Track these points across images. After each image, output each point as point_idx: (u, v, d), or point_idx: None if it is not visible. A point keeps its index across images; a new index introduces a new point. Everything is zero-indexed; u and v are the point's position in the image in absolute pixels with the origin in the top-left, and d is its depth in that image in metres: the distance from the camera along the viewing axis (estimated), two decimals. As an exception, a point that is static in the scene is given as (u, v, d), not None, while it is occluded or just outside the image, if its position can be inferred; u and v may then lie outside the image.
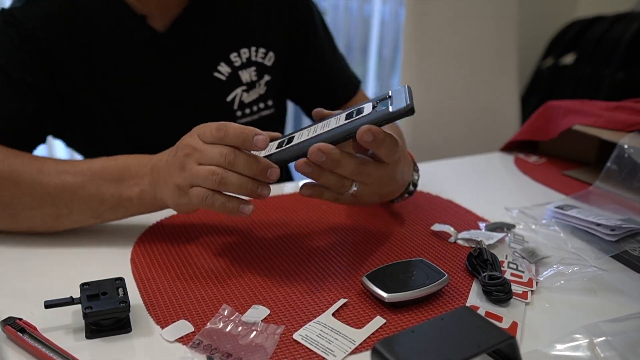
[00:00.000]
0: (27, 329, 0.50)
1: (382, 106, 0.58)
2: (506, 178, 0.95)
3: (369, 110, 0.58)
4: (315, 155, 0.55)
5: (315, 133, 0.59)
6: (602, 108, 0.98)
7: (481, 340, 0.44)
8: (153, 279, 0.60)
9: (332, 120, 0.61)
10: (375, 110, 0.58)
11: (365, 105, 0.60)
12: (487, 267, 0.61)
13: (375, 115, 0.57)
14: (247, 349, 0.49)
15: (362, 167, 0.58)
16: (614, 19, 2.00)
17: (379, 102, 0.59)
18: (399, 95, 0.58)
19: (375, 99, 0.61)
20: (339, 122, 0.59)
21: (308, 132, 0.61)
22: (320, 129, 0.60)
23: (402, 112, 0.55)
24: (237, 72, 0.88)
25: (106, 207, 0.65)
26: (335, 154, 0.55)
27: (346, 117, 0.59)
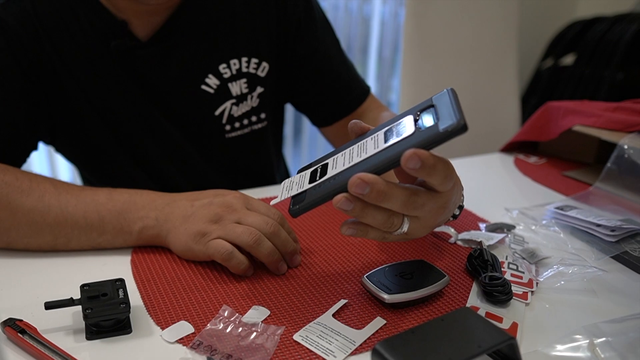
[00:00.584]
0: (28, 330, 0.50)
1: (426, 120, 0.48)
2: (506, 178, 0.95)
3: (410, 126, 0.49)
4: (357, 187, 0.46)
5: (352, 162, 0.50)
6: (602, 108, 0.98)
7: (481, 341, 0.44)
8: (153, 280, 0.60)
9: (368, 141, 0.51)
10: (419, 129, 0.48)
11: (405, 119, 0.50)
12: (487, 267, 0.61)
13: (421, 137, 0.47)
14: (248, 349, 0.49)
15: (414, 198, 0.48)
16: (614, 20, 2.00)
17: (420, 112, 0.50)
18: (444, 105, 0.48)
19: (415, 109, 0.51)
20: (377, 144, 0.50)
21: (343, 158, 0.52)
22: (357, 155, 0.51)
23: (454, 131, 0.45)
24: (227, 84, 0.85)
25: (105, 238, 0.65)
26: (379, 185, 0.46)
27: (385, 137, 0.50)
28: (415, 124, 0.48)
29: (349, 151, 0.52)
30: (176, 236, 0.63)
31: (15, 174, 0.66)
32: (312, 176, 0.53)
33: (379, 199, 0.46)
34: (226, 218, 0.62)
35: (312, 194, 0.50)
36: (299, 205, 0.51)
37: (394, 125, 0.51)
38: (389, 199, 0.47)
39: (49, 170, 1.99)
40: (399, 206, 0.48)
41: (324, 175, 0.51)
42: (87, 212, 0.64)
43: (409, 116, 0.50)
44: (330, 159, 0.53)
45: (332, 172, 0.51)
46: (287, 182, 0.55)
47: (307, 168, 0.55)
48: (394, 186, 0.47)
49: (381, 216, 0.48)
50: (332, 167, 0.51)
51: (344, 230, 0.50)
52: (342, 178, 0.49)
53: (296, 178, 0.54)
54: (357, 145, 0.52)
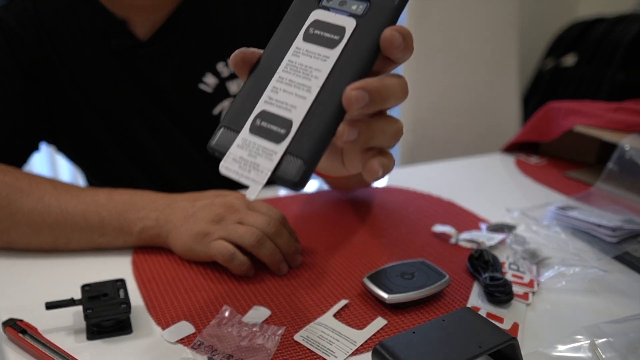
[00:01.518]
0: (28, 330, 0.50)
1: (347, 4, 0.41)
2: (507, 179, 0.95)
3: (339, 19, 0.40)
4: (358, 100, 0.37)
5: (311, 87, 0.39)
6: (603, 109, 0.98)
7: (482, 341, 0.44)
8: (154, 280, 0.60)
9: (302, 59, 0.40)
10: (357, 16, 0.40)
11: (313, 15, 0.41)
12: (488, 268, 0.61)
13: (380, 20, 0.39)
14: (248, 350, 0.49)
15: (402, 79, 0.41)
16: (615, 20, 2.00)
17: None
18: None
19: None
20: (321, 54, 0.40)
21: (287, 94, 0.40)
22: (305, 79, 0.40)
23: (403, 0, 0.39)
24: (225, 83, 0.84)
25: (106, 239, 0.64)
26: (373, 82, 0.38)
27: (305, 38, 0.41)
28: (337, 13, 0.41)
29: (284, 84, 0.40)
30: (177, 237, 0.63)
31: (15, 174, 0.66)
32: (268, 135, 0.39)
33: (384, 94, 0.38)
34: (228, 218, 0.62)
35: (300, 149, 0.38)
36: (300, 171, 0.38)
37: (308, 26, 0.41)
38: (392, 88, 0.39)
39: (50, 171, 1.99)
40: (399, 92, 0.40)
41: (289, 125, 0.39)
42: (87, 212, 0.64)
43: (314, 11, 0.41)
44: (263, 104, 0.40)
45: (293, 115, 0.39)
46: (232, 162, 0.39)
47: (231, 129, 0.40)
48: (384, 77, 0.40)
49: (389, 123, 0.41)
50: (285, 110, 0.39)
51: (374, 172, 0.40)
52: (322, 111, 0.38)
53: (240, 151, 0.39)
54: (286, 71, 0.40)
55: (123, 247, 0.65)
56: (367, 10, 0.40)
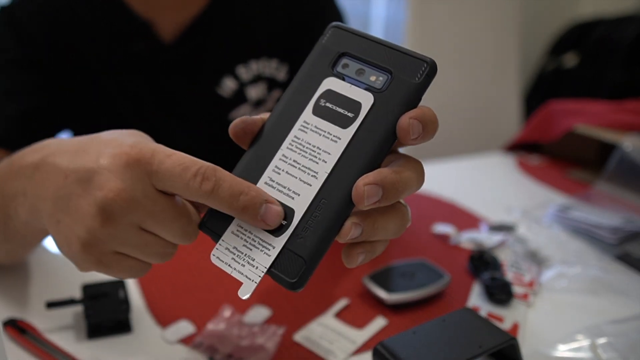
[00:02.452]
0: (29, 330, 0.50)
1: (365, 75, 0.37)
2: (508, 179, 0.95)
3: (357, 93, 0.37)
4: (370, 196, 0.34)
5: (318, 176, 0.36)
6: (603, 109, 0.98)
7: (482, 341, 0.44)
8: (154, 279, 0.60)
9: (309, 138, 0.37)
10: (376, 91, 0.36)
11: (325, 83, 0.37)
12: (489, 268, 0.61)
13: (399, 100, 0.36)
14: (248, 350, 0.49)
15: (419, 165, 0.38)
16: (616, 20, 2.00)
17: (334, 68, 0.38)
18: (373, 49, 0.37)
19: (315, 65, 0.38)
20: (332, 133, 0.36)
21: (291, 180, 0.36)
22: (313, 163, 0.36)
23: (431, 74, 0.36)
24: (244, 88, 0.80)
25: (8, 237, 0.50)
26: (389, 177, 0.35)
27: (315, 111, 0.37)
28: (353, 85, 0.37)
29: (288, 165, 0.37)
30: (58, 237, 0.40)
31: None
32: None
33: (399, 189, 0.35)
34: (119, 221, 0.37)
35: (300, 247, 0.35)
36: (299, 271, 0.35)
37: (319, 97, 0.37)
38: (407, 182, 0.36)
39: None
40: (415, 184, 0.37)
41: (290, 215, 0.35)
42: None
43: (327, 79, 0.38)
44: (262, 186, 0.37)
45: (295, 204, 0.36)
46: (225, 253, 0.37)
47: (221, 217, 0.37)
48: (400, 167, 0.36)
49: (394, 221, 0.38)
50: (286, 196, 0.36)
51: (354, 262, 0.37)
52: (328, 203, 0.35)
53: (235, 239, 0.36)
54: (290, 149, 0.37)
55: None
56: (387, 85, 0.36)
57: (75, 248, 0.38)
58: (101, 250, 0.38)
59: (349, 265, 0.37)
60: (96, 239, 0.37)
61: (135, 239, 0.38)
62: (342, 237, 0.35)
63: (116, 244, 0.38)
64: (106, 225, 0.36)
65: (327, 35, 0.39)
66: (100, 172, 0.37)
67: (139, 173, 0.36)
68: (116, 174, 0.36)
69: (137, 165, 0.36)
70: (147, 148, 0.37)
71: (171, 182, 0.36)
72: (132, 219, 0.37)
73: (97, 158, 0.37)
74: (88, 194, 0.37)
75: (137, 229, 0.38)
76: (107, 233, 0.37)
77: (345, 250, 0.37)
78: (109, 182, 0.36)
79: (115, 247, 0.38)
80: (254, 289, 0.35)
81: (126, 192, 0.36)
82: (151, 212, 0.37)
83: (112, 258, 0.39)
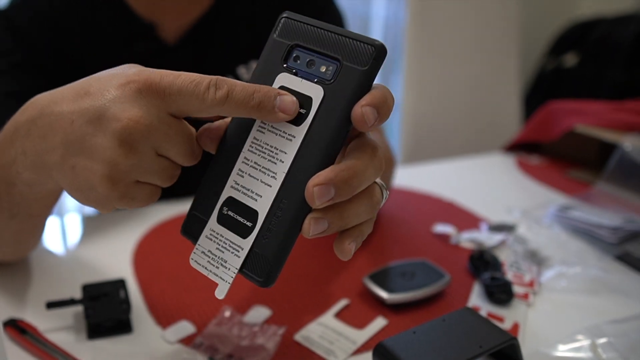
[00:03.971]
0: (29, 330, 0.50)
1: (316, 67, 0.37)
2: (508, 179, 0.95)
3: (309, 86, 0.37)
4: (320, 196, 0.35)
5: (277, 176, 0.37)
6: (603, 109, 0.98)
7: (483, 341, 0.44)
8: (154, 280, 0.60)
9: (263, 137, 0.38)
10: (325, 83, 0.36)
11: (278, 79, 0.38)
12: (489, 268, 0.61)
13: (350, 90, 0.36)
14: (249, 350, 0.49)
15: (377, 152, 0.38)
16: (617, 20, 2.00)
17: (286, 64, 0.38)
18: (319, 38, 0.38)
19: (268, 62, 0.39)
20: (285, 132, 0.37)
21: (251, 182, 0.38)
22: (271, 163, 0.37)
23: (380, 57, 0.36)
24: None
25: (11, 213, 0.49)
26: (343, 173, 0.35)
27: None
28: (304, 79, 0.37)
29: (250, 167, 0.38)
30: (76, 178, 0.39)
31: None
32: (235, 227, 0.38)
33: (354, 184, 0.35)
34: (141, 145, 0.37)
35: (266, 247, 0.37)
36: (266, 270, 0.37)
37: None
38: (362, 175, 0.36)
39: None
40: (373, 173, 0.37)
41: (255, 217, 0.37)
42: None
43: (280, 75, 0.38)
44: (229, 190, 0.38)
45: (258, 206, 0.37)
46: (202, 256, 0.39)
47: (197, 222, 0.40)
48: (354, 160, 0.36)
49: (364, 203, 0.37)
50: (250, 199, 0.37)
51: (347, 253, 0.38)
52: (287, 204, 0.36)
53: (209, 243, 0.39)
54: (251, 151, 0.38)
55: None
56: (336, 74, 0.36)
57: (100, 187, 0.38)
58: (125, 182, 0.38)
59: (343, 257, 0.38)
60: (120, 171, 0.37)
61: (155, 164, 0.38)
62: (305, 233, 0.36)
63: (139, 173, 0.38)
64: (130, 155, 0.37)
65: (279, 27, 0.40)
66: (111, 105, 0.37)
67: (152, 99, 0.37)
68: (131, 103, 0.36)
69: (149, 91, 0.37)
70: (154, 73, 0.37)
71: (186, 100, 0.37)
72: (152, 144, 0.37)
73: (103, 94, 0.38)
74: (103, 130, 0.37)
75: (155, 155, 0.38)
76: (131, 163, 0.37)
77: (335, 245, 0.38)
78: (125, 112, 0.36)
79: (137, 176, 0.38)
80: (228, 289, 0.38)
81: (145, 119, 0.36)
82: (167, 135, 0.37)
83: (135, 188, 0.39)
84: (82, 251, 0.66)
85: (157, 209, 0.75)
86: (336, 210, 0.36)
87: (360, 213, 0.37)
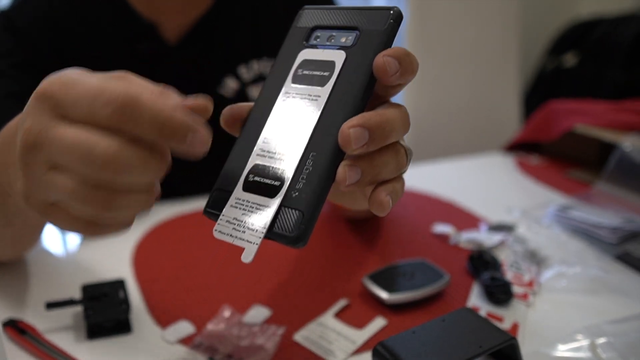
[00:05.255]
0: (28, 331, 0.50)
1: (337, 38, 0.39)
2: (508, 179, 0.95)
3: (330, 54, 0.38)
4: (357, 139, 0.34)
5: (303, 134, 0.36)
6: (603, 109, 0.98)
7: (482, 341, 0.44)
8: (154, 280, 0.60)
9: (289, 104, 0.38)
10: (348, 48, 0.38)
11: (302, 54, 0.39)
12: (489, 268, 0.61)
13: (370, 49, 0.37)
14: (248, 350, 0.49)
15: (404, 110, 0.38)
16: (617, 20, 2.00)
17: (307, 42, 0.40)
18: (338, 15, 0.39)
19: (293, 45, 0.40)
20: (311, 94, 0.37)
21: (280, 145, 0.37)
22: (295, 125, 0.37)
23: (397, 20, 0.37)
24: (245, 88, 0.80)
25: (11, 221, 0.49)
26: (374, 118, 0.35)
27: (294, 80, 0.39)
28: (325, 49, 0.38)
29: (275, 133, 0.38)
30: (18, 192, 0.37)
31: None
32: (262, 190, 0.36)
33: (386, 129, 0.35)
34: (33, 162, 0.33)
35: (296, 201, 0.35)
36: (297, 225, 0.34)
37: (296, 68, 0.39)
38: (393, 123, 0.36)
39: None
40: (401, 125, 0.37)
41: (282, 176, 0.36)
42: None
43: (302, 51, 0.39)
44: (255, 158, 0.38)
45: (286, 164, 0.36)
46: (226, 225, 0.36)
47: (221, 196, 0.38)
48: (383, 109, 0.37)
49: (392, 156, 0.37)
50: (277, 160, 0.37)
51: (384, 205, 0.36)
52: (318, 155, 0.35)
53: (234, 211, 0.37)
54: (272, 123, 0.38)
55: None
56: (356, 40, 0.38)
57: (21, 202, 0.35)
58: (39, 201, 0.34)
59: (381, 211, 0.37)
60: (28, 188, 0.34)
61: (51, 182, 0.33)
62: (340, 182, 0.35)
63: (45, 192, 0.34)
64: (26, 170, 0.33)
65: (299, 18, 0.42)
66: (22, 115, 0.35)
67: (45, 106, 0.33)
68: (27, 114, 0.34)
69: (44, 100, 0.33)
70: (55, 79, 0.34)
71: (78, 113, 0.32)
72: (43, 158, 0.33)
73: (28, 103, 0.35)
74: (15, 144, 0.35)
75: (48, 170, 0.33)
76: (31, 180, 0.33)
77: (371, 199, 0.37)
78: (23, 124, 0.33)
79: (46, 196, 0.34)
80: (255, 252, 0.35)
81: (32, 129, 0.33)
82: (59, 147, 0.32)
83: (50, 209, 0.35)
84: (82, 251, 0.66)
85: (157, 208, 0.75)
86: (366, 159, 0.35)
87: (389, 163, 0.37)
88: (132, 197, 0.33)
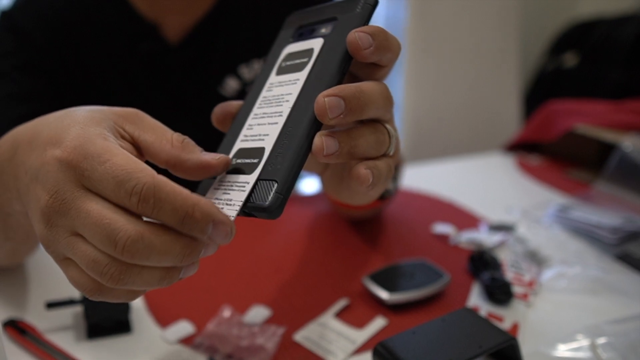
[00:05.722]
0: (28, 331, 0.50)
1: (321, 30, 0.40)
2: (508, 178, 0.95)
3: (311, 43, 0.40)
4: (333, 108, 0.34)
5: (283, 114, 0.37)
6: (603, 109, 0.98)
7: (482, 341, 0.44)
8: (154, 280, 0.60)
9: (274, 90, 0.40)
10: (326, 35, 0.39)
11: (286, 48, 0.42)
12: (489, 268, 0.61)
13: (346, 27, 0.38)
14: (248, 350, 0.49)
15: (385, 87, 0.38)
16: (617, 20, 2.00)
17: (295, 37, 0.42)
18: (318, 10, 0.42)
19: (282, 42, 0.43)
20: (293, 79, 0.39)
21: (260, 127, 0.39)
22: (276, 106, 0.38)
23: (367, 1, 0.38)
24: (246, 88, 0.80)
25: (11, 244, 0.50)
26: (349, 88, 0.35)
27: (278, 72, 0.41)
28: (307, 39, 0.40)
29: (258, 119, 0.39)
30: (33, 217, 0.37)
31: None
32: (242, 169, 0.37)
33: (362, 100, 0.35)
34: (57, 223, 0.34)
35: (273, 172, 0.35)
36: (270, 193, 0.34)
37: (281, 62, 0.41)
38: (369, 94, 0.36)
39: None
40: (380, 99, 0.37)
41: (261, 153, 0.36)
42: None
43: (287, 46, 0.42)
44: (239, 144, 0.39)
45: (265, 143, 0.37)
46: None
47: (206, 182, 0.40)
48: (361, 83, 0.36)
49: (371, 132, 0.37)
50: (258, 141, 0.38)
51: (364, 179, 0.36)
52: (294, 128, 0.36)
53: (216, 192, 0.38)
54: (260, 107, 0.40)
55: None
56: (334, 27, 0.39)
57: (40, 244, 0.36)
58: (54, 251, 0.36)
59: (360, 184, 0.36)
60: (47, 240, 0.35)
61: (70, 246, 0.34)
62: (317, 152, 0.35)
63: (64, 250, 0.35)
64: (49, 229, 0.34)
65: (285, 23, 0.45)
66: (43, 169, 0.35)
67: (69, 175, 0.33)
68: (46, 181, 0.34)
69: (68, 168, 0.34)
70: (79, 148, 0.34)
71: (103, 191, 0.33)
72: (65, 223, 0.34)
73: (43, 153, 0.35)
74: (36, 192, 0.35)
75: (70, 235, 0.34)
76: (53, 237, 0.34)
77: (351, 173, 0.36)
78: (44, 182, 0.34)
79: (65, 253, 0.35)
80: (235, 216, 0.35)
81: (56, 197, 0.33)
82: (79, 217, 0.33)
83: (66, 261, 0.36)
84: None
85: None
86: (344, 131, 0.35)
87: (367, 137, 0.36)
88: (145, 273, 0.33)
